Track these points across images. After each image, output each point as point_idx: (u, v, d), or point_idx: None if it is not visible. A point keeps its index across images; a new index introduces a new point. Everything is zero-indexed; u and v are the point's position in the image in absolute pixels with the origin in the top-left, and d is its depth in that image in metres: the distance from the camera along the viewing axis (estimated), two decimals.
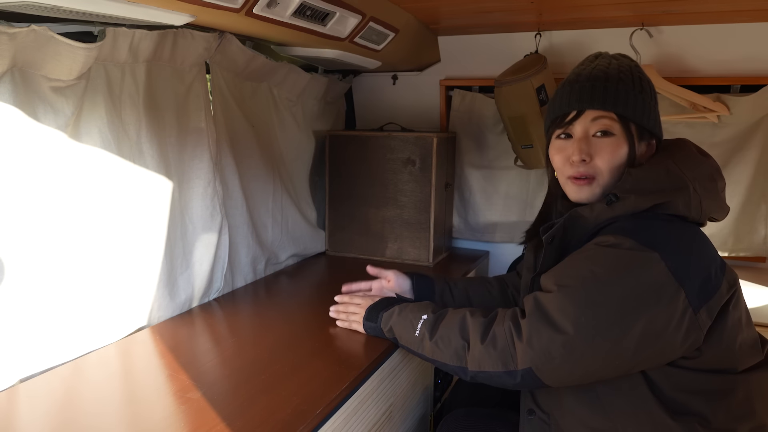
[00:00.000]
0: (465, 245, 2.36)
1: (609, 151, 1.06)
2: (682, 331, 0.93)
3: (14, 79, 1.03)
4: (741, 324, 1.01)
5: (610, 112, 1.06)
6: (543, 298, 1.00)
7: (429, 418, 1.59)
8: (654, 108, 1.10)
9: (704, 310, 0.94)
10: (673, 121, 1.91)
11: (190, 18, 1.16)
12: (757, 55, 1.77)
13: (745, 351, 1.01)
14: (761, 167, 1.87)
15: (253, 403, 1.04)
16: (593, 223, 1.05)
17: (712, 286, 0.95)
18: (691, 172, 1.03)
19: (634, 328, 0.92)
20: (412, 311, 1.22)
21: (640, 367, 0.97)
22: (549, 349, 0.95)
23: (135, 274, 1.35)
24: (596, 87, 1.07)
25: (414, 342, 1.18)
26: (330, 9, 1.42)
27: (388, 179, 2.01)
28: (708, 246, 1.02)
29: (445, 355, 1.11)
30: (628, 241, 0.96)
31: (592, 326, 0.93)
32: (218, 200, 1.55)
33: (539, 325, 0.97)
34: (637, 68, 1.11)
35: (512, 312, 1.05)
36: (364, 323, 1.32)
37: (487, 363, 1.03)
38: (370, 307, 1.33)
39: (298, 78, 1.86)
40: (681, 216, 1.01)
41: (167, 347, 1.28)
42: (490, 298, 1.48)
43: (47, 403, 1.05)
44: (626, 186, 1.02)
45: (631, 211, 1.01)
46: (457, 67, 2.19)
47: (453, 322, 1.13)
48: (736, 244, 1.94)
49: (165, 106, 1.39)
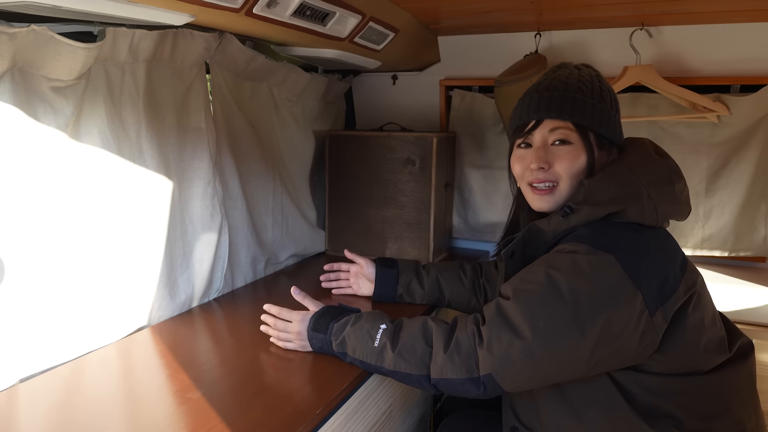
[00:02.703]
0: (465, 245, 2.36)
1: (567, 159, 1.08)
2: (638, 333, 0.94)
3: (14, 79, 1.03)
4: (704, 325, 1.01)
5: (567, 122, 1.08)
6: (502, 304, 1.01)
7: (429, 418, 1.60)
8: (614, 116, 1.11)
9: (660, 312, 0.94)
10: (673, 121, 1.91)
11: (190, 18, 1.16)
12: (757, 55, 1.77)
13: (710, 351, 1.01)
14: (761, 167, 1.87)
15: (253, 403, 1.04)
16: (551, 235, 1.06)
17: (669, 289, 0.96)
18: (646, 177, 1.03)
19: (591, 330, 0.93)
20: (368, 321, 1.15)
21: (596, 370, 0.98)
22: (509, 354, 0.96)
23: (135, 274, 1.35)
24: (554, 97, 1.09)
25: (372, 353, 1.11)
26: (330, 9, 1.42)
27: (388, 179, 2.01)
28: (667, 247, 1.02)
29: (410, 365, 1.06)
30: (584, 246, 0.98)
31: (550, 329, 0.94)
32: (218, 200, 1.55)
33: (499, 331, 0.98)
34: (598, 78, 1.13)
35: (474, 318, 1.06)
36: (310, 333, 1.20)
37: (450, 370, 1.02)
38: (316, 315, 1.22)
39: (298, 78, 1.86)
40: (636, 223, 1.02)
41: (167, 347, 1.28)
42: (461, 286, 1.51)
43: (47, 403, 1.05)
44: (579, 197, 1.04)
45: (586, 221, 1.03)
46: (457, 67, 2.19)
47: (414, 329, 1.09)
48: (736, 243, 1.94)
49: (165, 106, 1.39)
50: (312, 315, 1.23)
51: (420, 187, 1.98)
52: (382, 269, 1.54)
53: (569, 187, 1.09)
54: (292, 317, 1.25)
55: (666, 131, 1.95)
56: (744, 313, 1.78)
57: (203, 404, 1.03)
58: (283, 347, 1.25)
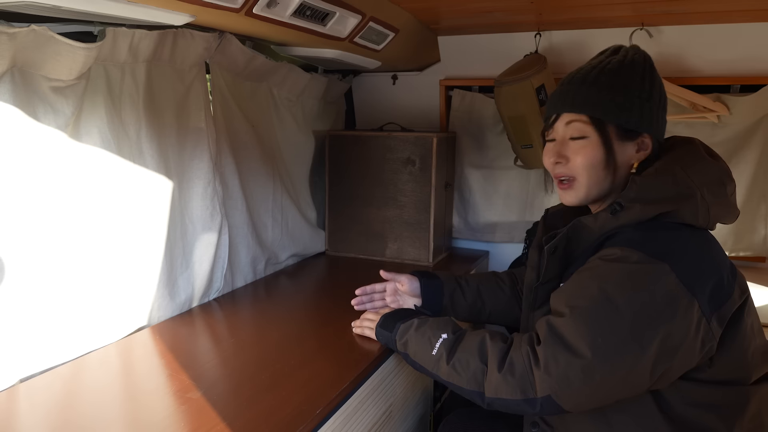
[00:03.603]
0: (465, 245, 2.36)
1: (582, 154, 1.05)
2: (698, 341, 0.91)
3: (14, 79, 1.03)
4: (753, 332, 0.98)
5: (581, 115, 1.05)
6: (556, 322, 0.96)
7: (429, 418, 1.59)
8: (643, 105, 1.05)
9: (715, 317, 0.92)
10: (674, 121, 1.91)
11: (190, 18, 1.16)
12: (757, 55, 1.77)
13: (756, 360, 0.99)
14: (761, 167, 1.87)
15: (253, 403, 1.04)
16: (598, 233, 1.02)
17: (725, 293, 0.93)
18: (699, 177, 0.99)
19: (651, 344, 0.89)
20: (431, 328, 1.14)
21: (658, 385, 0.94)
22: (567, 375, 0.92)
23: (135, 274, 1.35)
24: (570, 90, 1.07)
25: (429, 361, 1.11)
26: (330, 9, 1.42)
27: (388, 179, 2.01)
28: (718, 251, 0.99)
29: (462, 379, 1.04)
30: (636, 253, 0.94)
31: (610, 347, 0.90)
32: (218, 200, 1.55)
33: (555, 351, 0.93)
34: (630, 65, 1.06)
35: (528, 337, 1.01)
36: (378, 330, 1.26)
37: (504, 390, 0.98)
38: (386, 315, 1.27)
39: (298, 78, 1.86)
40: (688, 224, 0.99)
41: (167, 347, 1.28)
42: (502, 294, 1.45)
43: (47, 403, 1.05)
44: (630, 195, 0.99)
45: (636, 220, 0.98)
46: (457, 67, 2.19)
47: (472, 344, 1.06)
48: (736, 243, 1.95)
49: (165, 106, 1.39)
50: (385, 313, 1.28)
51: (420, 187, 1.98)
52: (427, 281, 1.46)
53: (588, 181, 1.06)
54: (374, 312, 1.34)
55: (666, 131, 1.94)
56: None
57: (203, 404, 1.03)
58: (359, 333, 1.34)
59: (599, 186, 1.06)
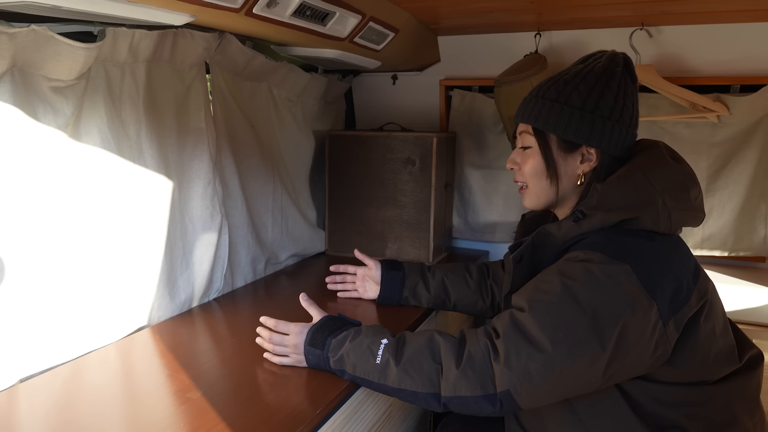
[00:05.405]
0: (465, 245, 2.36)
1: (528, 163, 1.13)
2: (652, 344, 0.93)
3: (14, 79, 1.03)
4: (715, 334, 0.99)
5: (528, 126, 1.12)
6: (518, 316, 0.97)
7: (429, 418, 1.60)
8: (583, 117, 1.05)
9: (672, 322, 0.93)
10: (673, 121, 1.91)
11: (189, 18, 1.16)
12: (757, 55, 1.77)
13: (720, 361, 1.00)
14: (761, 167, 1.87)
15: (253, 403, 1.04)
16: (562, 240, 1.04)
17: (683, 298, 0.95)
18: (661, 183, 1.01)
19: (609, 342, 0.91)
20: (368, 336, 1.08)
21: (609, 383, 0.96)
22: (528, 369, 0.92)
23: (135, 274, 1.35)
24: (526, 101, 1.14)
25: (374, 371, 1.03)
26: (330, 9, 1.42)
27: (387, 179, 2.01)
28: (681, 255, 1.01)
29: (416, 383, 0.99)
30: (598, 255, 0.96)
31: (570, 342, 0.92)
32: (218, 200, 1.55)
33: (517, 344, 0.94)
34: (586, 75, 1.07)
35: (484, 331, 1.00)
36: (306, 348, 1.12)
37: (464, 387, 0.96)
38: (314, 329, 1.14)
39: (298, 78, 1.86)
40: (650, 230, 1.00)
41: (167, 347, 1.28)
42: (467, 288, 1.48)
43: (47, 403, 1.05)
44: (592, 203, 1.01)
45: (599, 227, 1.01)
46: (457, 67, 2.19)
47: (420, 344, 1.03)
48: (736, 243, 1.94)
49: (165, 106, 1.39)
50: (310, 328, 1.15)
51: (420, 187, 1.98)
52: (387, 272, 1.50)
53: (535, 189, 1.14)
54: (290, 329, 1.16)
55: (666, 131, 1.95)
56: (744, 313, 1.78)
57: (203, 404, 1.03)
58: (278, 363, 1.16)
59: (546, 194, 1.13)
